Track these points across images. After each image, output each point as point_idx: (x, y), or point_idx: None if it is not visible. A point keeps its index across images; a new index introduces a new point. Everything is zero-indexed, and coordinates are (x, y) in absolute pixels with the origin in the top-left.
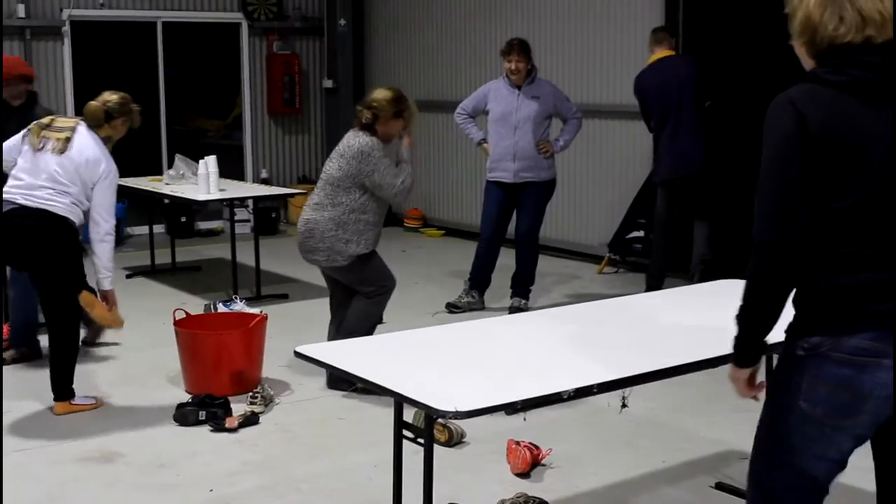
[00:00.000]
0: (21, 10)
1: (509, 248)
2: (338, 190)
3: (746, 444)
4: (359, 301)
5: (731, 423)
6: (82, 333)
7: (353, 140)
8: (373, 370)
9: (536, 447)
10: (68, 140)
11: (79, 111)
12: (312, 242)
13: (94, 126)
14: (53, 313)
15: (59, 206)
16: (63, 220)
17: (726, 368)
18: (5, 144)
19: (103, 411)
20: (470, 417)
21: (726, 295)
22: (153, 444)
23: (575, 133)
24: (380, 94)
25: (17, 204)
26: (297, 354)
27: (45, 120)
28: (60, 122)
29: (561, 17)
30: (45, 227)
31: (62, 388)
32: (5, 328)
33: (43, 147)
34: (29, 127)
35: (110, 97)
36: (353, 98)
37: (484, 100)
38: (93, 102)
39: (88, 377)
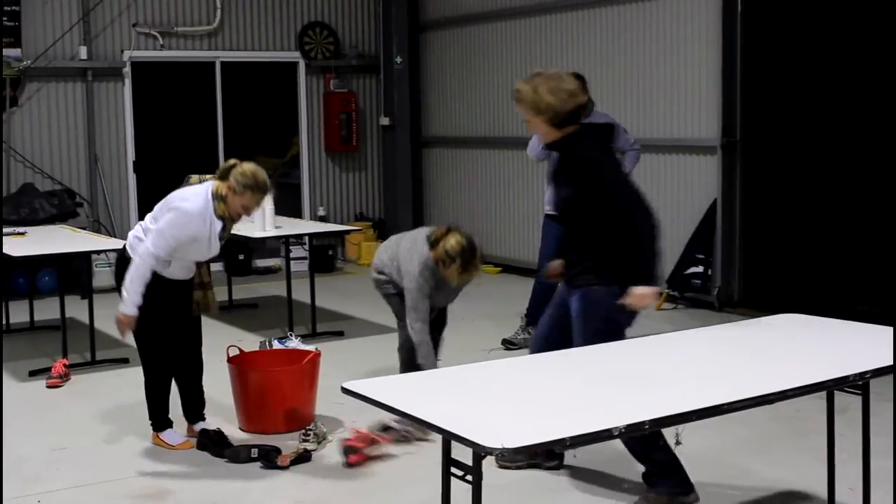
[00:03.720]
0: (83, 53)
1: None
2: None
3: (807, 483)
4: None
5: (791, 461)
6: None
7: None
8: (420, 407)
9: None
10: None
11: (139, 150)
12: None
13: None
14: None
15: None
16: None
17: (784, 405)
18: None
19: (155, 448)
20: (518, 454)
21: (785, 330)
22: (205, 483)
23: (633, 165)
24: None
25: None
26: (344, 390)
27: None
28: None
29: (617, 53)
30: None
31: (151, 418)
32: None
33: None
34: None
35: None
36: (410, 135)
37: None
38: None
39: (143, 412)
